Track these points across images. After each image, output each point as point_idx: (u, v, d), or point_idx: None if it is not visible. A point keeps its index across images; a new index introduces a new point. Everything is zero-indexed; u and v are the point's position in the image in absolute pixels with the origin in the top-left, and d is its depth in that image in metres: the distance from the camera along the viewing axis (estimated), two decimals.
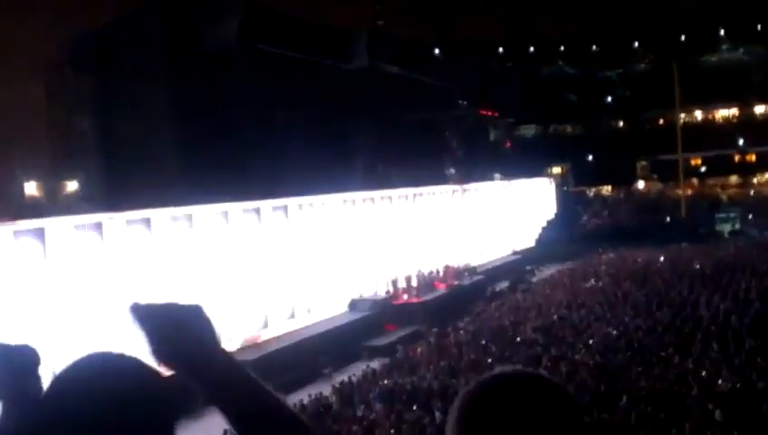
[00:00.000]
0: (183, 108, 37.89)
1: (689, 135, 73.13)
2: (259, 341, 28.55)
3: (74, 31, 37.69)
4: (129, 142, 36.05)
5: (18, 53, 30.13)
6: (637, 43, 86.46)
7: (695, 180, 78.42)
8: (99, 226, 23.06)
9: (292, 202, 31.97)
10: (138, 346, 1.73)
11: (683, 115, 77.44)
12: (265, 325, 29.37)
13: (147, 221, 24.81)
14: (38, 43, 31.60)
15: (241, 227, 28.63)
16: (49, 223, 21.67)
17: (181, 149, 37.22)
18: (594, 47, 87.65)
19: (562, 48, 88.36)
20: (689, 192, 74.44)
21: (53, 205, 32.73)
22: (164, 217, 25.40)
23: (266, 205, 30.32)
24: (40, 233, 21.13)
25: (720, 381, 19.01)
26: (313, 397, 22.47)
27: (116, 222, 23.63)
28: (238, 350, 26.95)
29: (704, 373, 19.98)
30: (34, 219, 21.86)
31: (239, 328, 27.80)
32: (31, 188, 33.89)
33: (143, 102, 36.40)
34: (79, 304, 21.75)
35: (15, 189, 32.03)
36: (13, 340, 2.09)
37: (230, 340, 27.21)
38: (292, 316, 31.04)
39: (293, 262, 31.22)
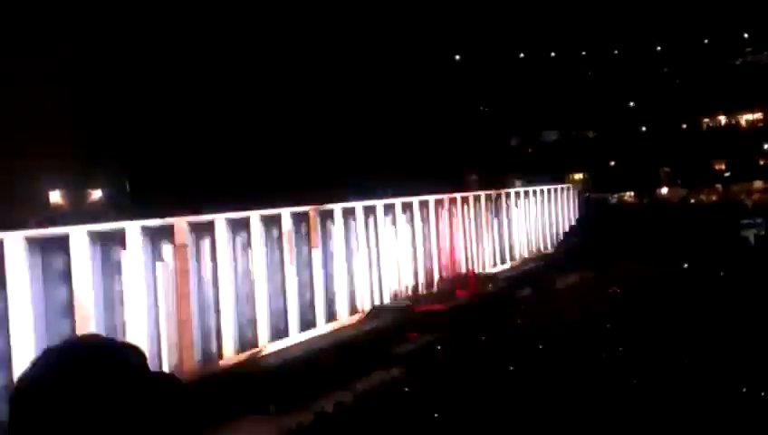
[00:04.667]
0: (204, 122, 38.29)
1: (713, 140, 72.48)
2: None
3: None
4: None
5: (44, 60, 30.51)
6: (660, 47, 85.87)
7: (719, 186, 77.62)
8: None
9: (312, 210, 32.05)
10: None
11: (706, 120, 76.81)
12: (286, 332, 29.42)
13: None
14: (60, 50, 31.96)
15: (264, 233, 28.76)
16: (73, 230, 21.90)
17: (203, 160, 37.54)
18: (616, 51, 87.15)
19: (584, 53, 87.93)
20: (713, 198, 73.68)
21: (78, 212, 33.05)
22: (184, 226, 25.60)
23: (286, 212, 30.42)
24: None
25: None
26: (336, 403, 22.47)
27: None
28: (258, 357, 27.11)
29: None
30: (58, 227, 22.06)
31: (259, 333, 27.92)
32: (55, 196, 34.24)
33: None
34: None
35: (40, 197, 32.36)
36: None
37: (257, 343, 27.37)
38: (314, 323, 31.09)
39: (319, 267, 31.31)
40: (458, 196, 46.06)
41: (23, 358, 19.48)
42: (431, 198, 42.20)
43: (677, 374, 21.42)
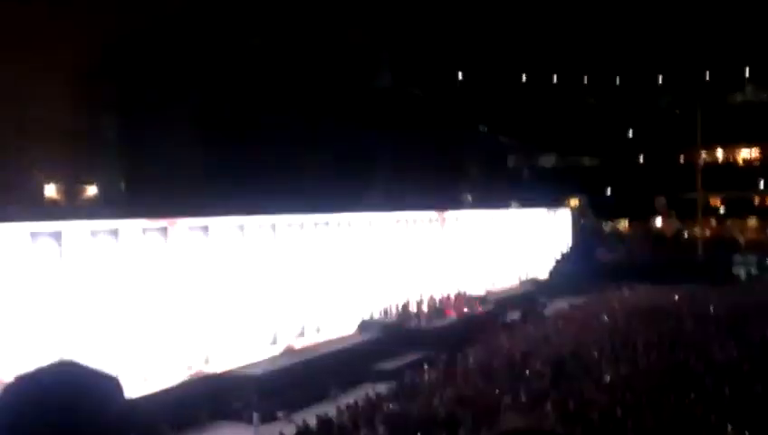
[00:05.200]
0: (208, 118, 38.21)
1: (710, 174, 72.77)
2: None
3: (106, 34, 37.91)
4: (151, 148, 36.19)
5: (44, 52, 30.38)
6: (661, 79, 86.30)
7: (713, 221, 77.85)
8: (115, 232, 23.13)
9: (308, 219, 31.98)
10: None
11: (704, 154, 77.10)
12: (274, 341, 29.26)
13: (163, 230, 24.85)
14: (66, 43, 31.77)
15: (256, 241, 28.66)
16: (66, 226, 21.72)
17: (203, 157, 37.42)
18: (618, 80, 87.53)
19: (586, 80, 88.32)
20: (707, 233, 73.89)
21: (73, 208, 32.91)
22: (181, 227, 25.46)
23: (282, 220, 30.33)
24: (57, 236, 21.21)
25: (729, 428, 18.75)
26: (319, 417, 22.30)
27: (132, 229, 23.69)
28: (250, 364, 26.97)
29: (713, 418, 19.72)
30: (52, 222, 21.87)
31: (248, 342, 27.77)
32: (51, 191, 34.13)
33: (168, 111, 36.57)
34: (93, 308, 21.78)
35: (35, 191, 32.23)
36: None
37: (238, 355, 27.22)
38: (302, 334, 30.95)
39: (305, 279, 31.20)
40: (451, 214, 46.03)
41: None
42: (423, 215, 42.19)
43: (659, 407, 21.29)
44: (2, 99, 28.56)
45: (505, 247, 52.48)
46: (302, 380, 26.72)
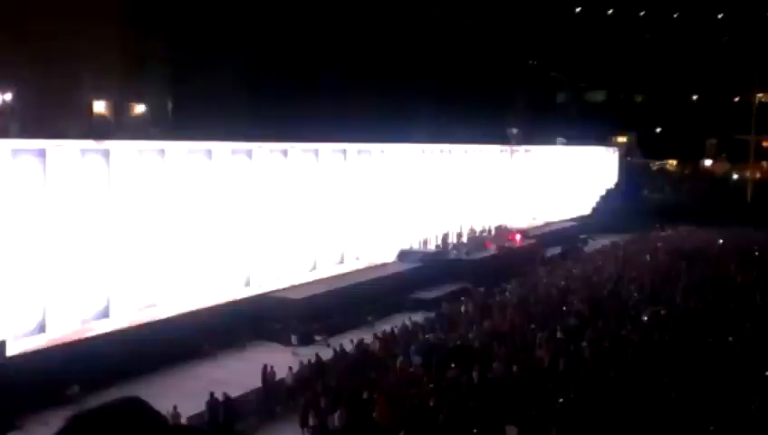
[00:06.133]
0: (255, 49, 38.01)
1: (764, 116, 70.61)
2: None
3: None
4: (199, 72, 36.21)
5: None
6: (721, 15, 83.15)
7: (764, 163, 75.93)
8: (162, 151, 23.40)
9: (351, 147, 31.93)
10: None
11: (760, 95, 74.69)
12: (314, 268, 29.64)
13: (209, 152, 25.07)
14: None
15: (299, 166, 28.78)
16: (115, 145, 22.03)
17: (249, 86, 37.34)
18: (675, 15, 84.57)
19: (642, 13, 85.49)
20: (758, 175, 72.22)
21: (120, 126, 33.25)
22: (225, 150, 25.65)
23: (325, 147, 30.34)
24: (105, 153, 21.54)
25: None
26: (355, 343, 22.72)
27: (179, 149, 23.94)
28: (285, 289, 27.43)
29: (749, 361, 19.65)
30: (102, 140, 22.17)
31: (287, 267, 28.17)
32: (100, 107, 34.46)
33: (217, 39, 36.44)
34: (138, 225, 22.25)
35: (84, 107, 32.56)
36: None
37: (279, 278, 27.68)
38: (341, 262, 31.27)
39: (347, 206, 31.36)
40: (497, 148, 45.59)
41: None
42: (469, 148, 41.83)
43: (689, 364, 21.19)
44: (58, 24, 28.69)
45: (550, 183, 52.02)
46: (340, 306, 27.12)
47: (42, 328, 19.66)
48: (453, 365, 19.79)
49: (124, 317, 21.79)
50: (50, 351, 19.32)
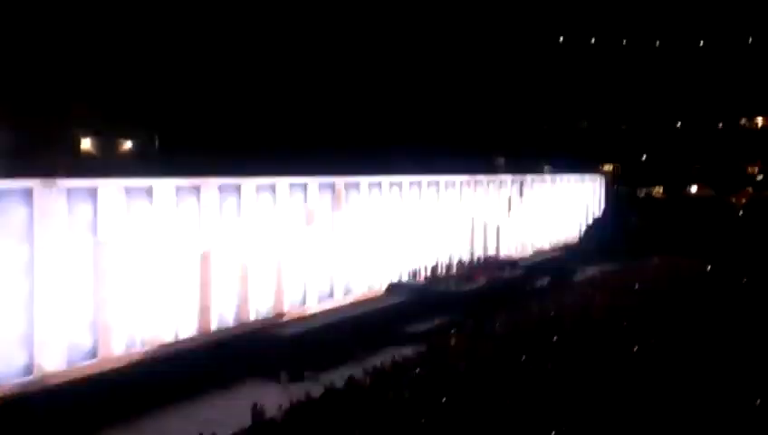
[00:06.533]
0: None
1: (748, 142, 71.38)
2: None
3: None
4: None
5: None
6: (702, 42, 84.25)
7: (749, 189, 76.51)
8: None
9: (339, 181, 31.93)
10: None
11: (743, 121, 75.59)
12: (303, 302, 29.53)
13: (197, 189, 25.05)
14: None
15: (287, 201, 28.76)
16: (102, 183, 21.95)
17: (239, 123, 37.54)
18: (657, 42, 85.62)
19: (625, 42, 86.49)
20: (743, 201, 72.74)
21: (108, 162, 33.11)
22: (211, 186, 25.62)
23: (314, 181, 30.33)
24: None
25: None
26: (345, 378, 22.56)
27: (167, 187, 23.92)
28: (275, 325, 27.25)
29: None
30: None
31: (276, 303, 28.05)
32: (86, 144, 34.35)
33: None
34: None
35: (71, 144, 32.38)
36: None
37: (268, 313, 27.55)
38: (331, 295, 31.17)
39: (335, 241, 31.31)
40: (484, 178, 45.67)
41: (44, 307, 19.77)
42: (457, 179, 41.88)
43: (687, 379, 21.23)
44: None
45: (538, 212, 52.13)
46: (329, 341, 26.94)
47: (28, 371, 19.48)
48: (444, 399, 19.66)
49: (111, 356, 21.60)
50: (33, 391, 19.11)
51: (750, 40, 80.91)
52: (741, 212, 69.24)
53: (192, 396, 22.14)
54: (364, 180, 33.60)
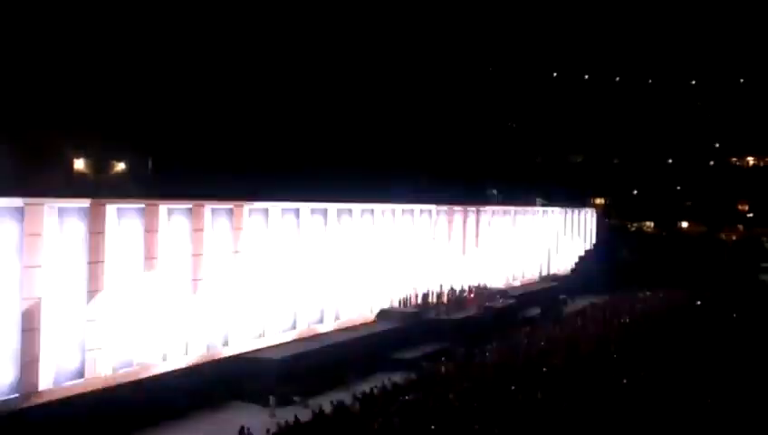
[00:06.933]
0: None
1: (739, 179, 71.99)
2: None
3: None
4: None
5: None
6: (694, 81, 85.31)
7: (740, 226, 77.03)
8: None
9: (331, 207, 31.98)
10: None
11: (734, 159, 76.31)
12: (293, 327, 29.43)
13: (188, 211, 25.07)
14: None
15: (279, 225, 28.79)
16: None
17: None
18: (650, 80, 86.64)
19: (618, 79, 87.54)
20: (734, 237, 73.16)
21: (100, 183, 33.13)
22: (206, 210, 25.66)
23: (306, 206, 30.37)
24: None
25: None
26: (335, 404, 22.43)
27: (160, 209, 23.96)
28: (263, 349, 27.11)
29: None
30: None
31: (265, 327, 27.95)
32: (79, 165, 34.38)
33: None
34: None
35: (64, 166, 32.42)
36: None
37: (256, 338, 27.44)
38: (321, 321, 31.08)
39: (326, 267, 31.28)
40: (476, 208, 45.86)
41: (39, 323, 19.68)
42: (450, 208, 42.04)
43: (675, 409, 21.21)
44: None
45: (529, 244, 52.29)
46: (319, 366, 26.83)
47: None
48: (433, 427, 19.54)
49: (97, 379, 21.47)
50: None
51: (741, 80, 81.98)
52: (731, 248, 69.53)
53: (177, 419, 21.99)
54: (356, 207, 33.67)
